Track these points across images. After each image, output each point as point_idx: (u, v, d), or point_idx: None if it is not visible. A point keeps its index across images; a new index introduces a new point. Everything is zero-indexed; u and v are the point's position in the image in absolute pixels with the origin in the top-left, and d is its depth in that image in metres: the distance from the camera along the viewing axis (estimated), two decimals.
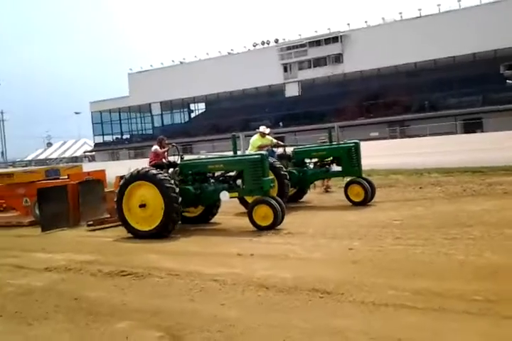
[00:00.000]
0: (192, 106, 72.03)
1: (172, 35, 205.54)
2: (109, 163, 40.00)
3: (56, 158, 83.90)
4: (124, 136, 73.64)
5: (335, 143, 11.85)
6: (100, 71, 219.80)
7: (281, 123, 54.44)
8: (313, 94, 55.58)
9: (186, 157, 9.38)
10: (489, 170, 13.83)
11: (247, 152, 11.47)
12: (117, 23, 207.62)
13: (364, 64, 50.96)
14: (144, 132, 72.63)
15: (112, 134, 73.67)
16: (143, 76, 66.80)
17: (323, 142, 13.01)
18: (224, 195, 8.39)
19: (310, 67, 56.42)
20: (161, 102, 66.73)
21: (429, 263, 5.34)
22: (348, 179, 10.91)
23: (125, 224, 8.39)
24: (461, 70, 45.53)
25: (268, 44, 59.11)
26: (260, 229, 7.92)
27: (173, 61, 66.62)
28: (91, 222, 9.63)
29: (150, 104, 67.55)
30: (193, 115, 72.88)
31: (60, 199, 9.87)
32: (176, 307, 4.46)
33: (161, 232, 8.02)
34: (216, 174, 9.08)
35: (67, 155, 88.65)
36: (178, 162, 9.08)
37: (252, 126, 57.74)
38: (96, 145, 75.47)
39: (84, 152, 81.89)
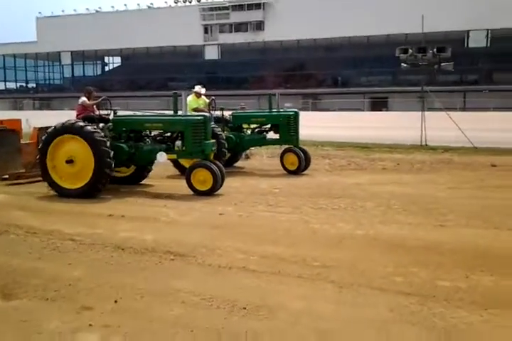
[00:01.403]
0: (106, 60, 68.54)
1: None
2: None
3: None
4: (30, 85, 68.68)
5: (274, 110, 11.34)
6: (6, 11, 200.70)
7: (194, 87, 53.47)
8: (233, 59, 55.07)
9: (120, 112, 8.67)
10: (376, 147, 14.67)
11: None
12: None
13: (284, 34, 50.99)
14: (52, 82, 68.24)
15: (16, 81, 68.34)
16: (53, 21, 62.00)
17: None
18: (161, 156, 7.95)
19: (231, 32, 55.44)
20: (71, 52, 62.61)
21: (287, 230, 5.63)
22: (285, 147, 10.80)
23: (49, 181, 7.80)
24: (376, 50, 47.17)
25: (190, 2, 57.15)
26: (198, 194, 7.65)
27: (87, 9, 62.44)
28: (6, 176, 8.91)
29: (60, 53, 63.18)
30: (107, 68, 69.43)
31: None
32: (18, 266, 4.36)
33: (91, 191, 7.53)
34: (153, 133, 8.59)
35: None
36: (111, 117, 8.46)
37: (170, 86, 56.82)
38: None
39: None
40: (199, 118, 8.13)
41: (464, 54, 47.92)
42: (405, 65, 15.43)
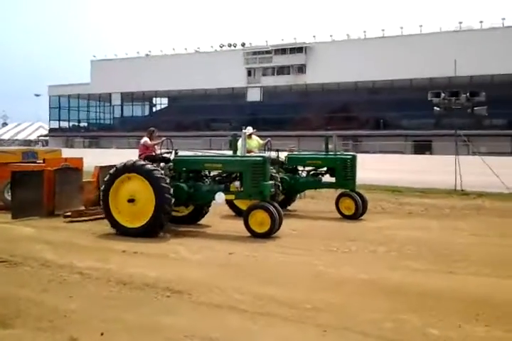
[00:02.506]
0: (154, 101, 71.49)
1: (140, 27, 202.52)
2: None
3: (8, 139, 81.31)
4: (81, 124, 72.20)
5: (331, 153, 11.02)
6: (64, 54, 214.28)
7: (244, 127, 54.84)
8: (274, 101, 56.25)
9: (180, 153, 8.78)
10: (408, 191, 14.47)
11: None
12: (87, 7, 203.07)
13: (326, 77, 51.93)
14: (102, 122, 71.52)
15: (69, 121, 72.04)
16: (106, 64, 65.70)
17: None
18: (219, 197, 7.90)
19: (273, 74, 57.03)
20: (121, 93, 65.80)
21: (291, 272, 5.66)
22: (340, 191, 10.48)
23: (111, 220, 7.85)
24: (418, 93, 47.14)
25: (235, 47, 59.39)
26: (255, 236, 7.53)
27: (138, 53, 65.95)
28: (69, 213, 8.96)
29: (110, 94, 66.47)
30: (154, 109, 72.27)
31: (35, 186, 9.08)
32: (24, 296, 4.59)
33: (152, 229, 7.54)
34: (212, 173, 8.62)
35: (20, 137, 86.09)
36: (172, 157, 8.52)
37: (213, 127, 58.43)
38: (51, 130, 73.55)
39: (38, 136, 79.68)
40: (258, 159, 8.07)
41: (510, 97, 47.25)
42: (438, 109, 15.39)
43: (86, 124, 71.85)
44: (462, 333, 3.86)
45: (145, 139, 9.05)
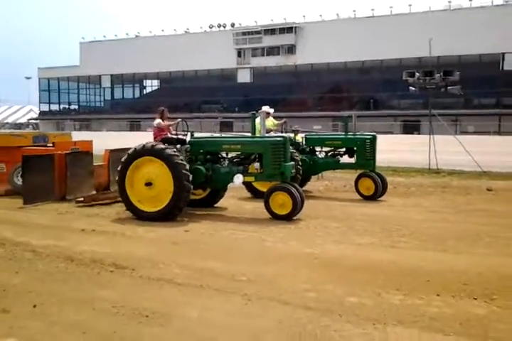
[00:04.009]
0: (145, 83, 71.03)
1: (127, 8, 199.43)
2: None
3: None
4: (72, 107, 71.82)
5: (350, 133, 10.84)
6: (54, 37, 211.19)
7: (236, 109, 55.03)
8: (265, 82, 56.06)
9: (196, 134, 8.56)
10: (382, 170, 14.64)
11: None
12: None
13: (315, 57, 51.69)
14: (93, 104, 71.16)
15: (59, 103, 71.64)
16: (95, 46, 65.07)
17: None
18: (238, 179, 7.75)
19: (263, 55, 56.64)
20: (111, 75, 65.33)
21: (240, 247, 5.88)
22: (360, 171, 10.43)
23: (128, 204, 7.71)
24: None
25: (224, 27, 58.81)
26: (277, 218, 7.43)
27: (127, 34, 65.24)
28: (81, 199, 8.83)
29: (100, 76, 65.99)
30: (145, 91, 71.87)
31: (46, 170, 8.90)
32: None
33: (169, 214, 7.42)
34: (230, 155, 8.48)
35: (10, 120, 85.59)
36: (188, 139, 8.32)
37: (204, 108, 58.34)
38: (41, 113, 73.18)
39: (29, 119, 79.24)
40: (279, 139, 7.84)
41: (499, 76, 47.26)
42: (413, 89, 15.50)
43: (76, 107, 71.46)
44: (378, 301, 4.09)
45: (158, 121, 8.69)
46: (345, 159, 10.90)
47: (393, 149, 21.79)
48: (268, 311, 3.86)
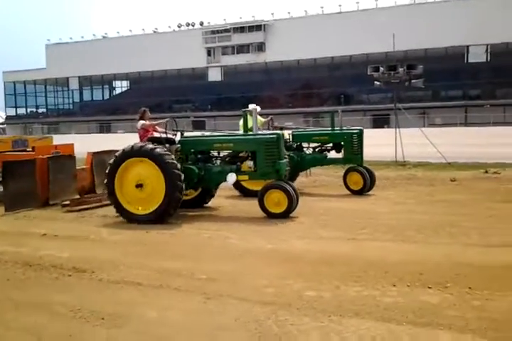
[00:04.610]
0: (114, 84, 70.24)
1: (94, 8, 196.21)
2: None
3: None
4: (40, 110, 70.54)
5: (337, 128, 10.80)
6: (17, 40, 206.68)
7: (209, 107, 55.06)
8: (236, 80, 56.11)
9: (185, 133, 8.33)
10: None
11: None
12: None
13: (285, 54, 51.97)
14: (62, 107, 70.03)
15: (26, 107, 70.33)
16: (61, 48, 64.06)
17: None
18: (231, 178, 7.61)
19: (233, 53, 56.76)
20: (79, 77, 64.42)
21: (202, 246, 5.89)
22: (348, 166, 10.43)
23: (118, 207, 7.49)
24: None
25: (193, 26, 58.60)
26: (272, 217, 7.32)
27: (94, 35, 64.42)
28: (67, 202, 8.65)
29: (68, 78, 64.97)
30: (114, 93, 71.07)
31: (27, 175, 8.58)
32: None
33: (162, 216, 7.23)
34: (222, 154, 8.35)
35: None
36: (176, 138, 8.09)
37: (175, 108, 57.99)
38: (8, 117, 71.66)
39: None
40: (272, 136, 7.72)
41: (465, 69, 48.29)
42: (378, 83, 15.71)
43: (45, 110, 70.21)
44: (336, 293, 4.15)
45: (141, 122, 8.53)
46: (332, 154, 10.92)
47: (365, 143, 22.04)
48: (226, 308, 3.87)
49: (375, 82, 15.71)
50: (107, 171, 7.65)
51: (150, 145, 7.42)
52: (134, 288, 4.42)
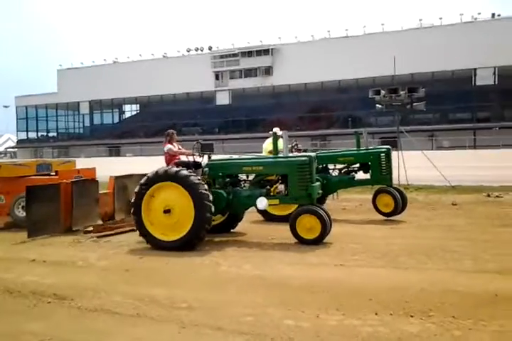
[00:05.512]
0: (123, 108, 71.10)
1: (105, 34, 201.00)
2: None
3: None
4: (50, 134, 71.38)
5: (363, 148, 10.41)
6: (31, 65, 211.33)
7: (217, 130, 55.54)
8: (243, 103, 56.53)
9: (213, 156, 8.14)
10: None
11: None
12: (51, 17, 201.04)
13: (292, 78, 52.39)
14: (72, 131, 70.82)
15: (37, 131, 71.19)
16: (73, 73, 65.16)
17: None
18: (261, 203, 7.28)
19: (241, 77, 57.24)
20: (90, 101, 65.31)
21: (192, 273, 5.77)
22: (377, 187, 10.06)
23: (144, 233, 7.23)
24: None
25: (202, 51, 59.45)
26: (304, 243, 6.98)
27: (105, 60, 65.49)
28: (90, 229, 8.54)
29: (79, 103, 65.89)
30: (124, 116, 71.87)
31: (51, 200, 8.40)
32: None
33: (192, 241, 6.96)
34: (250, 177, 8.08)
35: None
36: (203, 161, 7.89)
37: (184, 131, 58.38)
38: (19, 141, 72.59)
39: (6, 148, 78.61)
40: (304, 159, 7.39)
41: (473, 91, 48.30)
42: (380, 106, 15.71)
43: (55, 134, 71.03)
44: (316, 323, 4.03)
45: (169, 146, 8.38)
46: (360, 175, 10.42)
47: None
48: (200, 338, 3.77)
49: (377, 105, 15.71)
50: (132, 200, 7.42)
51: (174, 169, 7.26)
52: (110, 316, 4.33)
